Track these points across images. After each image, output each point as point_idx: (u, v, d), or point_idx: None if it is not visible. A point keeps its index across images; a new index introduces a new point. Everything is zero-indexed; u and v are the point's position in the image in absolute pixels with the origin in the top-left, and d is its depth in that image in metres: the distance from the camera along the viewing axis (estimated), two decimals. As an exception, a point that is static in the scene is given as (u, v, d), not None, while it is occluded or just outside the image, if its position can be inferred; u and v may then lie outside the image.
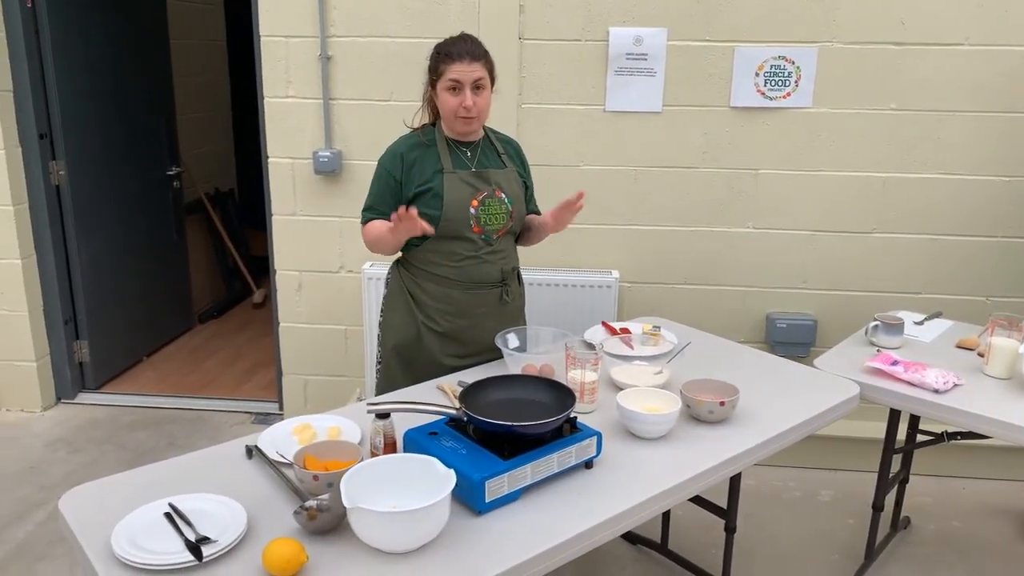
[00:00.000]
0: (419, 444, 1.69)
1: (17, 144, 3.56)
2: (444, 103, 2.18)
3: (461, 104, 2.14)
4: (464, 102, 2.14)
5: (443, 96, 2.17)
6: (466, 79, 2.13)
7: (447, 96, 2.16)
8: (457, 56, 2.12)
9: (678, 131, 3.17)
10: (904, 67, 3.04)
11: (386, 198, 2.25)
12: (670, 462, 1.79)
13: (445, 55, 2.14)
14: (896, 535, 2.91)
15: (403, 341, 2.32)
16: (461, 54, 2.13)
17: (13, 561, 2.69)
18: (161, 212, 4.53)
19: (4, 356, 3.73)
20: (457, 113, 2.17)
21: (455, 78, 2.13)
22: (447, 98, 2.16)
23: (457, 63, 2.12)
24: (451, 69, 2.12)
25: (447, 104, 2.17)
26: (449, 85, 2.14)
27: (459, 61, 2.12)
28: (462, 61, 2.12)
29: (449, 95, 2.15)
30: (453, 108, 2.16)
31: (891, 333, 2.52)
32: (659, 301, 3.34)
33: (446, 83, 2.14)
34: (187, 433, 3.62)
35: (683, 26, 3.06)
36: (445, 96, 2.16)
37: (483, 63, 2.16)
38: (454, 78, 2.13)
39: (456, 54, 2.13)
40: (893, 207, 3.19)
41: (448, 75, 2.13)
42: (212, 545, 1.42)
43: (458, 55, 2.13)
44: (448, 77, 2.13)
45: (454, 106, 2.16)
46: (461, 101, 2.14)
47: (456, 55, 2.13)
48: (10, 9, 3.43)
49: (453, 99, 2.15)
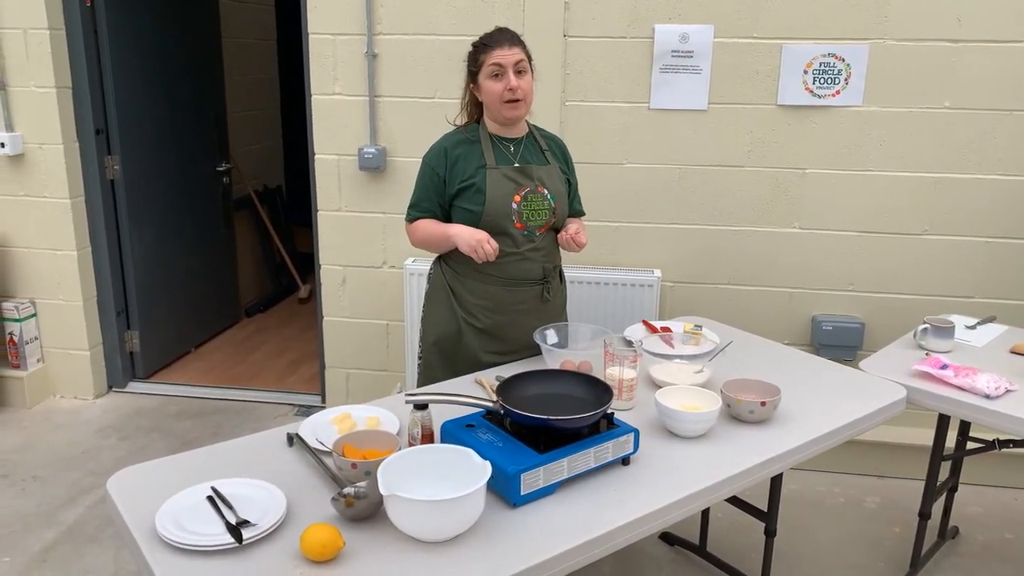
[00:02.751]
0: (456, 436, 1.70)
1: (75, 139, 3.67)
2: (488, 91, 2.19)
3: (506, 87, 2.16)
4: (508, 84, 2.16)
5: (487, 84, 2.18)
6: (507, 62, 2.16)
7: (491, 83, 2.17)
8: (496, 43, 2.17)
9: (724, 129, 3.13)
10: (959, 65, 2.96)
11: (430, 195, 2.27)
12: (708, 461, 1.77)
13: (483, 45, 2.20)
14: (943, 545, 2.83)
15: (444, 336, 2.33)
16: (500, 40, 2.18)
17: (64, 543, 2.78)
18: (210, 207, 4.63)
19: (59, 345, 3.85)
20: (503, 97, 2.18)
21: (497, 62, 2.16)
22: (491, 85, 2.17)
23: (497, 49, 2.16)
24: (492, 55, 2.16)
25: (492, 91, 2.18)
26: (492, 72, 2.17)
27: (498, 47, 2.16)
28: (501, 47, 2.16)
29: (492, 82, 2.17)
30: (498, 93, 2.18)
31: (941, 336, 2.46)
32: (702, 301, 3.30)
33: (488, 70, 2.17)
34: (232, 423, 3.69)
35: (730, 23, 3.03)
36: (489, 84, 2.18)
37: (521, 48, 2.20)
38: (496, 63, 2.16)
39: (495, 41, 2.18)
40: (945, 208, 3.11)
41: (489, 61, 2.16)
42: (252, 528, 1.45)
43: (496, 42, 2.17)
44: (490, 63, 2.16)
45: (499, 91, 2.17)
46: (506, 84, 2.16)
47: (495, 42, 2.18)
48: (70, 8, 3.54)
49: (497, 84, 2.17)
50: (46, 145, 3.59)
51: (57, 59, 3.53)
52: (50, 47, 3.48)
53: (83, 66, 3.61)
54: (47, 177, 3.63)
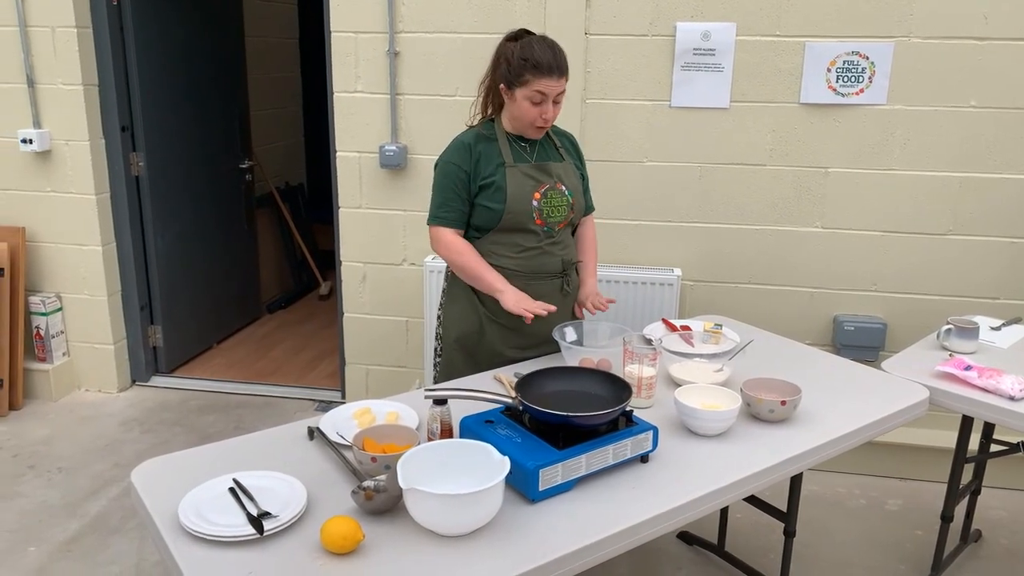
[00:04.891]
0: (475, 431, 1.70)
1: (101, 136, 3.72)
2: (523, 111, 2.16)
3: (541, 115, 2.15)
4: (545, 114, 2.15)
5: (522, 104, 2.15)
6: (551, 92, 2.13)
7: (527, 105, 2.14)
8: (547, 71, 2.10)
9: (745, 128, 3.11)
10: (986, 63, 2.93)
11: (458, 195, 2.23)
12: (728, 460, 1.76)
13: (534, 66, 2.09)
14: (966, 548, 2.80)
15: (465, 334, 2.34)
16: (552, 68, 2.10)
17: (88, 534, 2.82)
18: (233, 204, 4.68)
19: (85, 339, 3.91)
20: (536, 123, 2.17)
21: (541, 91, 2.12)
22: (527, 107, 2.15)
23: (546, 78, 2.10)
24: (539, 82, 2.10)
25: (526, 113, 2.16)
26: (533, 96, 2.13)
27: (548, 76, 2.10)
28: (551, 76, 2.10)
29: (529, 104, 2.14)
30: (532, 118, 2.16)
31: (965, 337, 2.43)
32: (722, 301, 3.29)
33: (529, 93, 2.12)
34: (253, 418, 3.73)
35: (752, 21, 3.01)
36: (525, 105, 2.15)
37: (567, 77, 2.15)
38: (540, 91, 2.11)
39: (547, 68, 2.09)
40: (970, 208, 3.07)
41: (534, 86, 2.11)
42: (273, 520, 1.47)
43: (548, 69, 2.10)
44: (534, 88, 2.11)
45: (533, 116, 2.16)
46: (541, 113, 2.15)
47: (547, 69, 2.10)
48: (97, 7, 3.58)
49: (533, 109, 2.15)
50: (72, 142, 3.65)
51: (84, 57, 3.57)
52: (77, 45, 3.53)
53: (109, 64, 3.65)
54: (73, 173, 3.69)
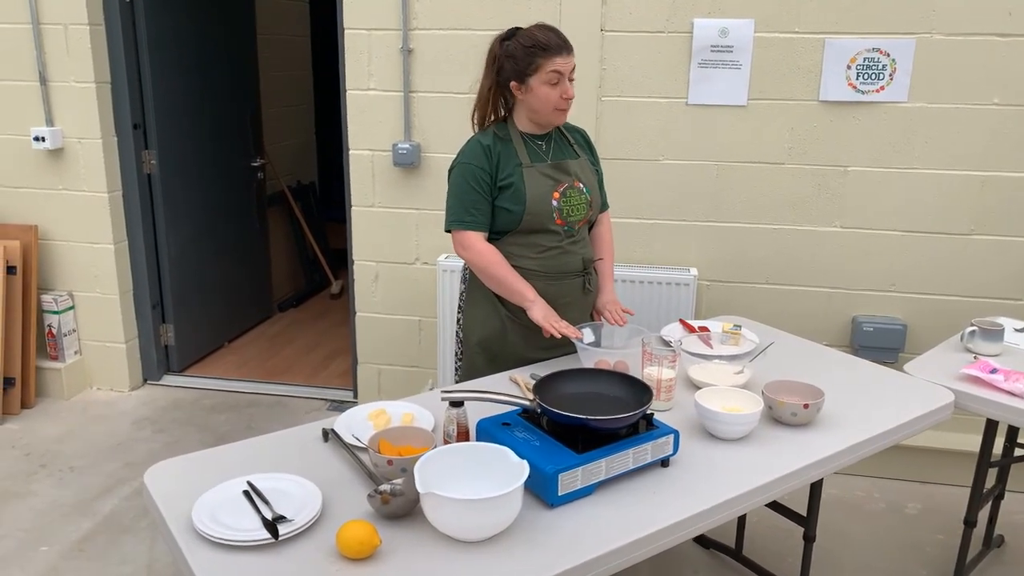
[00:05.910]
0: (492, 434, 1.67)
1: (113, 134, 3.71)
2: (543, 96, 2.13)
3: (562, 95, 2.13)
4: (566, 93, 2.13)
5: (541, 90, 2.12)
6: (566, 70, 2.12)
7: (546, 89, 2.12)
8: (557, 49, 2.09)
9: (764, 125, 3.07)
10: (1010, 60, 2.87)
11: (483, 195, 2.19)
12: (749, 464, 1.73)
13: (543, 48, 2.09)
14: (988, 553, 2.75)
15: (488, 336, 2.30)
16: (559, 46, 2.10)
17: (100, 533, 2.80)
18: (244, 203, 4.66)
19: (97, 337, 3.90)
20: (558, 105, 2.14)
21: (558, 70, 2.10)
22: (546, 91, 2.12)
23: (557, 56, 2.09)
24: (552, 62, 2.09)
25: (547, 98, 2.13)
26: (550, 78, 2.10)
27: (559, 54, 2.09)
28: (561, 53, 2.10)
29: (548, 88, 2.11)
30: (554, 101, 2.13)
31: (990, 339, 2.38)
32: (739, 301, 3.25)
33: (546, 76, 2.10)
34: (265, 417, 3.71)
35: (771, 17, 2.97)
36: (544, 90, 2.12)
37: (574, 55, 2.14)
38: (556, 70, 2.10)
39: (555, 47, 2.09)
40: (993, 208, 3.02)
41: (549, 67, 2.09)
42: (288, 524, 1.44)
43: (556, 48, 2.09)
44: (550, 70, 2.09)
45: (555, 99, 2.13)
46: (562, 92, 2.13)
47: (555, 48, 2.09)
48: (110, 4, 3.57)
49: (554, 91, 2.12)
50: (85, 140, 3.64)
51: (96, 55, 3.56)
52: (90, 43, 3.52)
53: (122, 62, 3.64)
54: (86, 171, 3.68)
